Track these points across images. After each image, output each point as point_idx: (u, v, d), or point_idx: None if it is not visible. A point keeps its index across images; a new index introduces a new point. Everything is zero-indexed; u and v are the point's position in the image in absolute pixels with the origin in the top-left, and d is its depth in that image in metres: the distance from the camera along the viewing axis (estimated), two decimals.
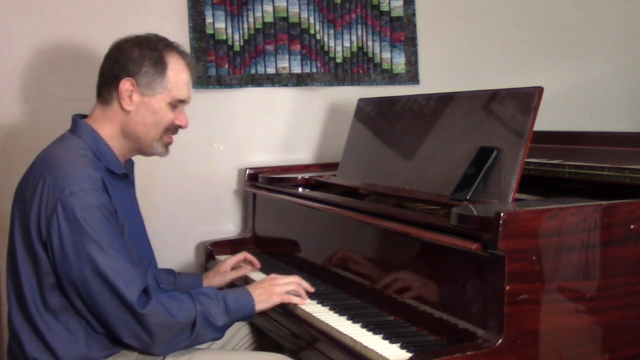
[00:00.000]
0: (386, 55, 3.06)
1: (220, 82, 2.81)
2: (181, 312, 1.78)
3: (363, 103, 2.60)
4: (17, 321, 1.82)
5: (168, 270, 2.26)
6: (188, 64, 1.97)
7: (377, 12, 3.04)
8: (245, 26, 2.84)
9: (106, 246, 1.73)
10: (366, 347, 1.62)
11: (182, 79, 1.95)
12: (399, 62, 3.07)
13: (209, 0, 2.78)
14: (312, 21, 2.91)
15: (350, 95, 2.88)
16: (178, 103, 1.95)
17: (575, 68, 3.38)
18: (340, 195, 2.38)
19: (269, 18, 2.86)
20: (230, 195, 2.89)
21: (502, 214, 1.46)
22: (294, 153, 2.95)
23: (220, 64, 2.80)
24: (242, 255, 2.34)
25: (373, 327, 1.74)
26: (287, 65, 2.89)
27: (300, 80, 2.90)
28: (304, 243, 2.39)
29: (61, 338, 1.79)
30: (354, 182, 2.40)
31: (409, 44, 3.09)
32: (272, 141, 2.94)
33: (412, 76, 3.10)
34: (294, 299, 1.96)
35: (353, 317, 1.83)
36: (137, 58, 1.89)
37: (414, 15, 3.08)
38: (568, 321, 1.53)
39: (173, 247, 2.78)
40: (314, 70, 2.92)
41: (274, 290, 1.95)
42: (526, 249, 1.49)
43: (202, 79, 2.78)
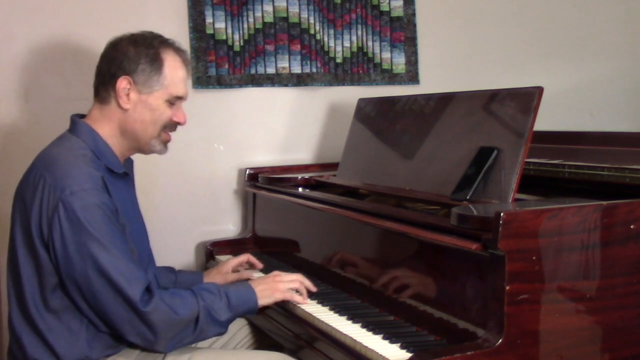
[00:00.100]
0: (386, 55, 3.06)
1: (220, 82, 2.81)
2: (184, 309, 1.78)
3: (363, 103, 2.60)
4: (18, 322, 1.82)
5: (168, 268, 2.26)
6: (184, 61, 1.97)
7: (377, 12, 3.04)
8: (245, 26, 2.84)
9: (108, 245, 1.73)
10: (366, 347, 1.62)
11: (179, 76, 1.95)
12: (399, 62, 3.07)
13: (209, 0, 2.78)
14: (312, 21, 2.91)
15: (350, 95, 2.88)
16: (175, 100, 1.95)
17: (575, 68, 3.38)
18: (340, 195, 2.38)
19: (269, 18, 2.87)
20: (230, 195, 2.89)
21: (502, 214, 1.46)
22: (294, 153, 2.95)
23: (220, 64, 2.80)
24: (246, 257, 2.33)
25: (373, 327, 1.74)
26: (287, 65, 2.89)
27: (300, 80, 2.90)
28: (304, 243, 2.39)
29: (62, 338, 1.79)
30: (354, 182, 2.40)
31: (409, 44, 3.09)
32: (272, 141, 2.94)
33: (412, 76, 3.10)
34: (296, 297, 1.96)
35: (353, 317, 1.83)
36: (133, 56, 1.89)
37: (414, 15, 3.08)
38: (568, 321, 1.53)
39: (173, 247, 2.78)
40: (314, 70, 2.92)
41: (277, 286, 1.95)
42: (526, 249, 1.49)
43: (202, 79, 2.78)
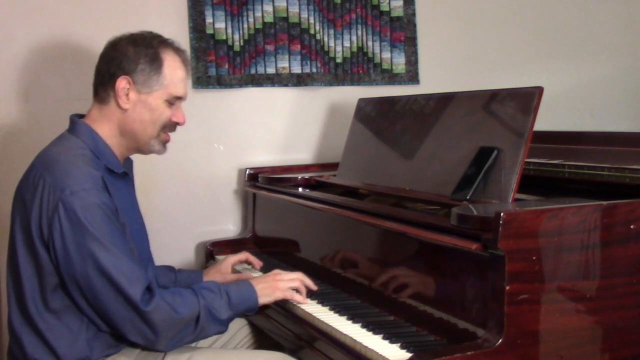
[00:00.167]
0: (386, 55, 3.06)
1: (220, 82, 2.81)
2: (185, 308, 1.78)
3: (363, 103, 2.60)
4: (18, 322, 1.82)
5: (168, 267, 2.26)
6: (183, 60, 1.97)
7: (377, 12, 3.04)
8: (245, 26, 2.84)
9: (109, 244, 1.73)
10: (366, 347, 1.62)
11: (178, 76, 1.95)
12: (399, 62, 3.07)
13: (209, 0, 2.78)
14: (312, 21, 2.91)
15: (350, 95, 2.88)
16: (175, 100, 1.95)
17: (575, 68, 3.38)
18: (340, 195, 2.38)
19: (269, 18, 2.87)
20: (230, 195, 2.89)
21: (502, 214, 1.46)
22: (294, 153, 2.95)
23: (220, 64, 2.80)
24: (244, 255, 2.33)
25: (373, 327, 1.74)
26: (287, 65, 2.89)
27: (300, 80, 2.90)
28: (304, 243, 2.39)
29: (62, 338, 1.79)
30: (354, 182, 2.40)
31: (409, 44, 3.09)
32: (272, 141, 2.94)
33: (412, 76, 3.10)
34: (296, 297, 1.96)
35: (353, 317, 1.83)
36: (133, 56, 1.89)
37: (414, 15, 3.09)
38: (568, 321, 1.53)
39: (173, 247, 2.78)
40: (314, 70, 2.92)
41: (277, 285, 1.95)
42: (526, 249, 1.49)
43: (202, 79, 2.78)
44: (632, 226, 1.57)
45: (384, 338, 1.67)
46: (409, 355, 1.52)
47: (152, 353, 1.84)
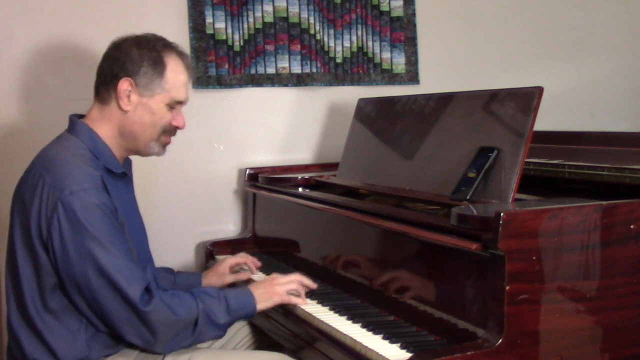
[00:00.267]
0: (386, 55, 3.06)
1: (220, 82, 2.81)
2: (183, 310, 1.78)
3: (363, 103, 2.60)
4: (17, 322, 1.82)
5: (167, 269, 2.26)
6: (186, 65, 1.97)
7: (377, 12, 3.04)
8: (245, 26, 2.84)
9: (108, 244, 1.73)
10: (366, 347, 1.62)
11: (181, 80, 1.95)
12: (399, 62, 3.07)
13: (209, 0, 2.78)
14: (312, 21, 2.91)
15: (350, 95, 2.88)
16: (176, 104, 1.95)
17: (575, 68, 3.38)
18: (340, 195, 2.38)
19: (269, 18, 2.87)
20: (230, 195, 2.89)
21: (502, 214, 1.46)
22: (294, 153, 2.95)
23: (220, 64, 2.80)
24: (242, 259, 2.33)
25: (373, 327, 1.74)
26: (287, 65, 2.89)
27: (300, 80, 2.90)
28: (304, 243, 2.39)
29: (61, 338, 1.79)
30: (354, 182, 2.40)
31: (409, 44, 3.09)
32: (272, 141, 2.94)
33: (412, 76, 3.10)
34: (294, 300, 1.96)
35: (353, 317, 1.83)
36: (136, 58, 1.89)
37: (414, 15, 3.08)
38: (568, 321, 1.53)
39: (173, 247, 2.78)
40: (314, 70, 2.92)
41: (275, 289, 1.95)
42: (526, 249, 1.49)
43: (202, 79, 2.78)
44: (632, 226, 1.57)
45: (384, 338, 1.67)
46: (409, 355, 1.52)
47: (151, 354, 1.84)
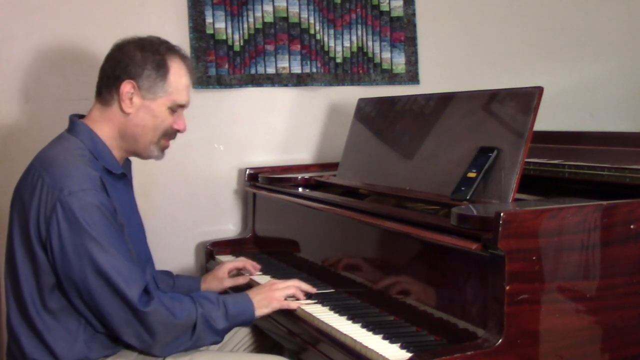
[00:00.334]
0: (386, 55, 3.06)
1: (220, 82, 2.81)
2: (183, 313, 1.78)
3: (363, 103, 2.60)
4: (16, 322, 1.82)
5: (166, 272, 2.26)
6: (188, 68, 1.97)
7: (377, 12, 3.04)
8: (245, 26, 2.84)
9: (107, 245, 1.73)
10: (366, 347, 1.62)
11: (183, 83, 1.95)
12: (399, 62, 3.07)
13: (209, 0, 2.78)
14: (312, 21, 2.91)
15: (350, 95, 2.88)
16: (177, 107, 1.95)
17: (575, 68, 3.38)
18: (340, 195, 2.38)
19: (269, 18, 2.86)
20: (230, 195, 2.89)
21: (502, 214, 1.46)
22: (294, 153, 2.95)
23: (220, 64, 2.80)
24: (241, 263, 2.33)
25: (373, 327, 1.74)
26: (287, 65, 2.89)
27: (300, 80, 2.90)
28: (304, 243, 2.39)
29: (60, 338, 1.79)
30: (354, 182, 2.40)
31: (409, 44, 3.09)
32: (272, 141, 2.94)
33: (412, 76, 3.10)
34: (293, 305, 1.96)
35: (353, 317, 1.83)
36: (140, 61, 1.89)
37: (414, 15, 3.08)
38: (568, 321, 1.53)
39: (173, 247, 2.78)
40: (314, 70, 2.92)
41: (274, 295, 1.95)
42: (526, 249, 1.49)
43: (202, 79, 2.78)
44: (632, 226, 1.57)
45: (384, 338, 1.67)
46: (409, 355, 1.52)
47: (150, 356, 1.83)
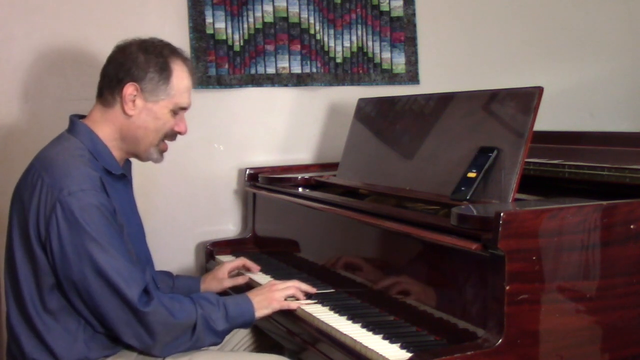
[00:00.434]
0: (386, 55, 3.05)
1: (220, 82, 2.81)
2: (182, 314, 1.78)
3: (363, 103, 2.60)
4: (16, 322, 1.82)
5: (166, 272, 2.26)
6: (190, 71, 1.98)
7: (377, 12, 3.04)
8: (245, 26, 2.84)
9: (106, 245, 1.73)
10: (366, 347, 1.62)
11: (185, 86, 1.95)
12: (399, 62, 3.07)
13: (209, 0, 2.78)
14: (312, 21, 2.91)
15: (350, 95, 2.88)
16: (179, 110, 1.96)
17: (575, 68, 3.38)
18: (340, 195, 2.38)
19: (269, 18, 2.86)
20: (230, 195, 2.89)
21: (502, 214, 1.46)
22: (294, 153, 2.95)
23: (220, 64, 2.80)
24: (241, 262, 2.33)
25: (373, 327, 1.74)
26: (287, 65, 2.89)
27: (300, 80, 2.90)
28: (304, 243, 2.39)
29: (60, 338, 1.79)
30: (354, 182, 2.40)
31: (409, 44, 3.09)
32: (272, 141, 2.94)
33: (412, 76, 3.10)
34: (293, 305, 1.96)
35: (353, 317, 1.83)
36: (143, 64, 1.89)
37: (414, 15, 3.08)
38: (568, 321, 1.53)
39: (173, 247, 2.77)
40: (314, 70, 2.92)
41: (273, 296, 1.95)
42: (526, 249, 1.49)
43: (202, 79, 2.78)
44: (632, 226, 1.57)
45: (384, 338, 1.67)
46: (409, 355, 1.52)
47: (150, 356, 1.83)
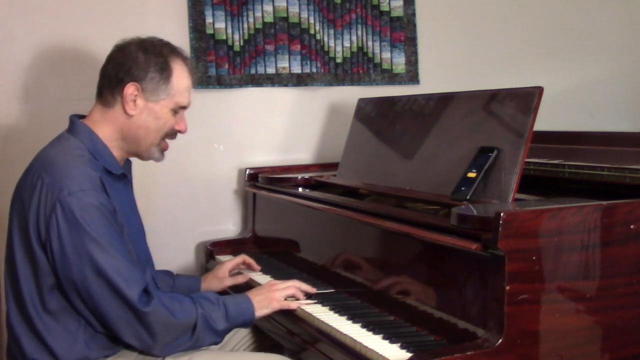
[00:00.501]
0: (386, 55, 3.06)
1: (220, 82, 2.81)
2: (183, 313, 1.78)
3: (363, 103, 2.60)
4: (16, 322, 1.82)
5: (166, 271, 2.26)
6: (190, 70, 1.98)
7: (377, 12, 3.04)
8: (245, 26, 2.84)
9: (106, 245, 1.73)
10: (366, 347, 1.62)
11: (185, 85, 1.95)
12: (399, 62, 3.07)
13: (209, 0, 2.78)
14: (312, 21, 2.91)
15: (350, 95, 2.88)
16: (179, 109, 1.96)
17: (575, 68, 3.38)
18: (340, 195, 2.38)
19: (269, 18, 2.86)
20: (230, 195, 2.89)
21: (502, 214, 1.46)
22: (294, 153, 2.95)
23: (220, 64, 2.80)
24: (241, 258, 2.33)
25: (373, 327, 1.74)
26: (287, 65, 2.89)
27: (300, 80, 2.90)
28: (304, 243, 2.39)
29: (60, 338, 1.79)
30: (354, 182, 2.40)
31: (409, 44, 3.09)
32: (272, 141, 2.94)
33: (412, 76, 3.10)
34: (293, 305, 1.96)
35: (353, 317, 1.83)
36: (143, 63, 1.89)
37: (414, 15, 3.08)
38: (568, 321, 1.53)
39: (173, 247, 2.78)
40: (314, 70, 2.92)
41: (273, 296, 1.95)
42: (526, 249, 1.49)
43: (202, 79, 2.78)
44: (632, 226, 1.57)
45: (384, 338, 1.67)
46: (409, 355, 1.52)
47: (150, 356, 1.83)
